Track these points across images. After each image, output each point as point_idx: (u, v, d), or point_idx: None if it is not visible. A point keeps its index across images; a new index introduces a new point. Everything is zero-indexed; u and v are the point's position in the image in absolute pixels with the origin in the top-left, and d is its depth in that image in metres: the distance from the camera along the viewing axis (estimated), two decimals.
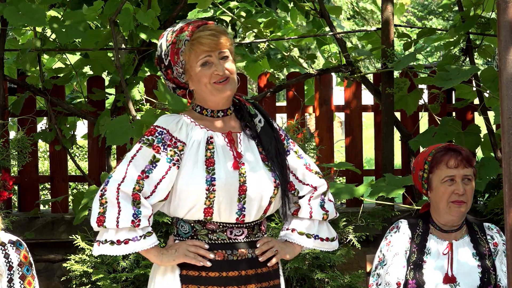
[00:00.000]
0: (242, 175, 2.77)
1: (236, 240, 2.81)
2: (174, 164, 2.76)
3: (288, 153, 2.91)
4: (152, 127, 2.82)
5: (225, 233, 2.80)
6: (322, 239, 2.94)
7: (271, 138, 2.86)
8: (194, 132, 2.81)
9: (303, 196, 2.93)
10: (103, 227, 2.71)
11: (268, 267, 2.86)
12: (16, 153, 5.08)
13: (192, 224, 2.81)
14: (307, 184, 2.92)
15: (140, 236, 2.72)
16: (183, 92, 2.88)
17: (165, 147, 2.77)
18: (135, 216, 2.70)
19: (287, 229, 2.94)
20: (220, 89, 2.80)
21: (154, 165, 2.76)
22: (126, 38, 5.60)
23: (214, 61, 2.78)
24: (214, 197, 2.74)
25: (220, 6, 6.10)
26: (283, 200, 2.85)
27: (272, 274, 2.88)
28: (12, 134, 5.91)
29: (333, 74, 5.82)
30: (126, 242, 2.71)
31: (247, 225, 2.82)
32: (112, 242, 2.71)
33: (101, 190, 2.74)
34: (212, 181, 2.73)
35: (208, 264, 2.76)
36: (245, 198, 2.77)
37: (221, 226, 2.79)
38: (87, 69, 6.02)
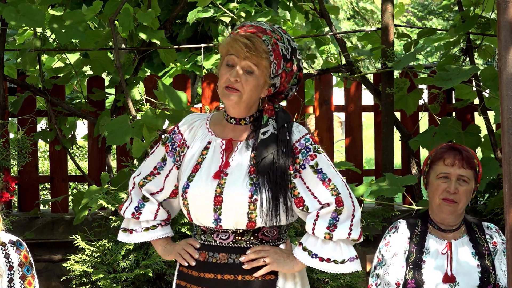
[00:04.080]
0: (220, 185, 2.73)
1: (220, 244, 2.80)
2: (175, 165, 2.86)
3: (303, 167, 2.76)
4: (176, 125, 2.94)
5: (212, 236, 2.81)
6: (321, 259, 2.74)
7: (268, 152, 2.74)
8: (201, 136, 2.84)
9: (311, 212, 2.78)
10: (120, 214, 2.98)
11: (254, 276, 2.78)
12: (16, 153, 5.08)
13: (194, 224, 2.88)
14: (318, 200, 2.76)
15: (142, 229, 2.91)
16: None
17: (174, 147, 2.87)
18: (136, 209, 2.90)
19: (298, 242, 2.84)
20: (226, 94, 2.74)
21: (164, 163, 2.89)
22: (126, 38, 5.59)
23: (236, 66, 2.73)
24: (188, 204, 2.79)
25: (221, 7, 6.10)
26: (270, 215, 2.73)
27: (260, 284, 2.79)
28: (12, 134, 5.91)
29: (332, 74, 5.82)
30: (131, 231, 2.94)
31: (233, 230, 2.78)
32: (125, 230, 2.96)
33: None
34: (186, 188, 2.78)
35: (193, 263, 2.83)
36: (220, 209, 2.74)
37: (208, 229, 2.81)
38: (87, 69, 6.02)
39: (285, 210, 2.77)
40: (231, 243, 2.79)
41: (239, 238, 2.79)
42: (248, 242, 2.79)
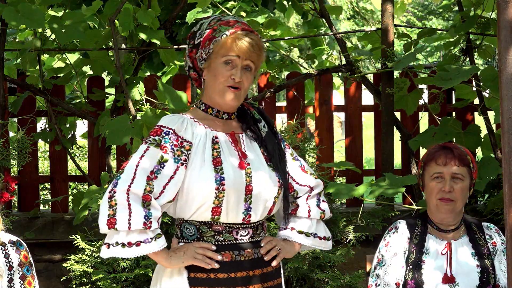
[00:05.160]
0: (248, 175, 2.79)
1: (242, 241, 2.82)
2: (182, 164, 2.74)
3: (284, 155, 2.96)
4: (157, 127, 2.80)
5: (231, 234, 2.81)
6: (320, 238, 2.99)
7: (274, 144, 2.90)
8: (199, 132, 2.81)
9: (301, 196, 2.98)
10: (114, 229, 2.67)
11: (272, 266, 2.87)
12: (16, 153, 5.08)
13: (197, 226, 2.80)
14: (304, 185, 2.98)
15: (151, 238, 2.69)
16: (195, 76, 2.89)
17: (172, 147, 2.75)
18: (146, 218, 2.68)
19: (286, 228, 2.96)
20: (229, 94, 2.80)
21: (162, 165, 2.73)
22: (126, 37, 5.59)
23: (238, 66, 2.79)
24: (223, 196, 2.74)
25: (220, 6, 6.10)
26: (285, 202, 2.88)
27: (275, 273, 2.91)
28: (12, 134, 5.92)
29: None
30: (138, 244, 2.68)
31: (252, 225, 2.84)
32: (123, 245, 2.68)
33: (110, 192, 2.70)
34: (222, 180, 2.73)
35: (216, 266, 2.76)
36: (251, 198, 2.79)
37: (227, 227, 2.80)
38: (87, 69, 6.02)
39: None
40: (249, 238, 2.84)
41: (255, 232, 2.85)
42: (260, 235, 2.88)
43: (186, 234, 2.82)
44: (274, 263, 2.87)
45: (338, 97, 6.04)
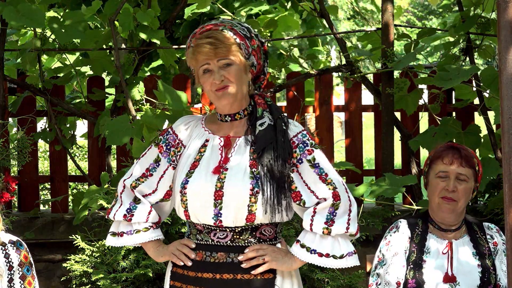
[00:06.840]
0: (220, 180, 2.76)
1: (218, 243, 2.81)
2: (171, 165, 2.87)
3: (300, 161, 2.79)
4: (170, 126, 2.94)
5: (209, 235, 2.82)
6: (320, 254, 2.75)
7: (267, 142, 2.77)
8: (198, 135, 2.87)
9: (309, 207, 2.80)
10: (109, 218, 2.94)
11: (253, 274, 2.79)
12: (16, 153, 5.08)
13: (189, 224, 2.89)
14: (316, 195, 2.78)
15: (134, 231, 2.88)
16: None
17: (169, 147, 2.87)
18: (128, 211, 2.87)
19: (296, 240, 2.86)
20: (219, 96, 2.79)
21: (157, 164, 2.88)
22: (125, 39, 5.58)
23: (213, 69, 2.77)
24: (187, 200, 2.79)
25: (218, 5, 6.09)
26: (272, 207, 2.75)
27: (259, 283, 2.80)
28: (15, 129, 5.92)
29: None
30: (121, 234, 2.90)
31: (231, 229, 2.79)
32: (114, 234, 2.93)
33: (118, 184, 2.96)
34: (185, 184, 2.79)
35: (189, 263, 2.82)
36: (221, 204, 2.76)
37: (205, 228, 2.82)
38: (87, 69, 6.01)
39: (286, 205, 2.79)
40: (229, 241, 2.80)
41: (237, 237, 2.80)
42: (246, 241, 2.81)
43: (186, 230, 2.93)
44: (254, 272, 2.78)
45: (338, 97, 6.04)
